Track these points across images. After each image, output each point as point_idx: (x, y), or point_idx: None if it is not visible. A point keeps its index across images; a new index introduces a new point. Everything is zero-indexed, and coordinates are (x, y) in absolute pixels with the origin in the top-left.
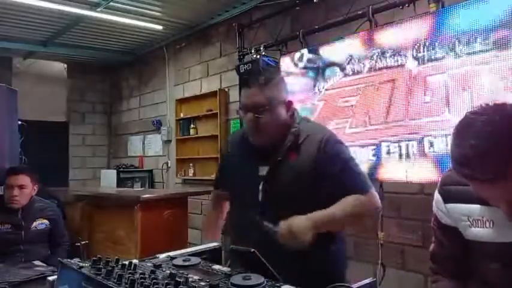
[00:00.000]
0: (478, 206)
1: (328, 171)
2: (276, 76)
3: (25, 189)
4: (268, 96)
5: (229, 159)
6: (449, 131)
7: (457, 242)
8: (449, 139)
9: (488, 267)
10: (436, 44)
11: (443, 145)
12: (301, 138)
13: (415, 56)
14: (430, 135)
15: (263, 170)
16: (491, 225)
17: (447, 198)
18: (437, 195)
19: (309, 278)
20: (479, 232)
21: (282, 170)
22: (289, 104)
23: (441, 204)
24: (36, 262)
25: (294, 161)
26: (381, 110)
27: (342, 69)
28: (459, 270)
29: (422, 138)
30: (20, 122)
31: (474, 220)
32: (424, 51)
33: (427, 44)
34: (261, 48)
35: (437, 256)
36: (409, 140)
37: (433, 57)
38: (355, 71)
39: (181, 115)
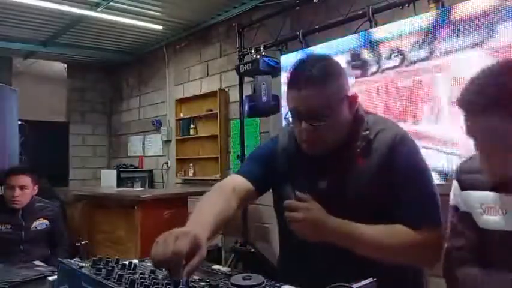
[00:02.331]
0: (492, 193)
1: (395, 181)
2: (333, 64)
3: (26, 189)
4: (328, 96)
5: (276, 159)
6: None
7: (474, 231)
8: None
9: (500, 256)
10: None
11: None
12: (372, 136)
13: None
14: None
15: (320, 183)
16: (504, 213)
17: (463, 185)
18: (454, 183)
19: None
20: (491, 220)
21: (345, 182)
22: (353, 100)
23: (458, 190)
24: (36, 262)
25: (361, 169)
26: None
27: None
28: (476, 260)
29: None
30: (20, 122)
31: (487, 208)
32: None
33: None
34: (261, 48)
35: (454, 249)
36: None
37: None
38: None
39: (181, 115)
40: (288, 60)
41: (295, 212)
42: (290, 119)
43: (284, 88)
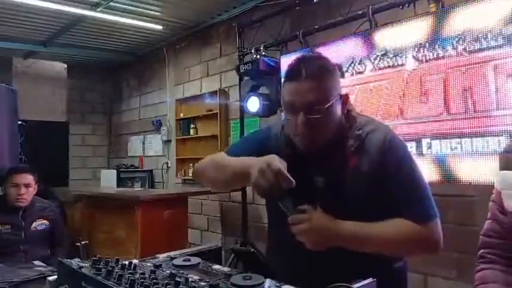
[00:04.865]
0: None
1: (389, 181)
2: (329, 62)
3: (30, 188)
4: (325, 90)
5: (264, 151)
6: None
7: (501, 213)
8: (448, 141)
9: None
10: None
11: (440, 147)
12: (364, 136)
13: (414, 56)
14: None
15: (317, 181)
16: None
17: (503, 164)
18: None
19: None
20: None
21: (342, 179)
22: (346, 99)
23: (498, 170)
24: (36, 262)
25: (355, 168)
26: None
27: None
28: (509, 250)
29: (420, 139)
30: (20, 122)
31: None
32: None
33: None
34: (261, 48)
35: (490, 233)
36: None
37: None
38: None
39: (181, 115)
40: (288, 62)
41: (300, 225)
42: (286, 113)
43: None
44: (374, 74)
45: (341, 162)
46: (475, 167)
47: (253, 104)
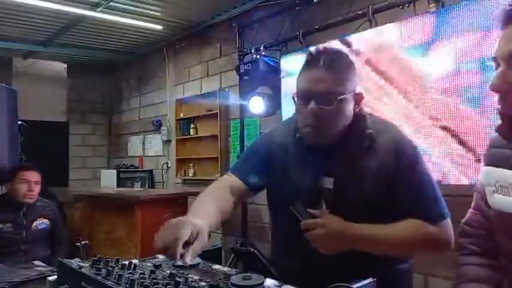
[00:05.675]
0: (511, 172)
1: (400, 182)
2: (349, 58)
3: (38, 185)
4: (340, 81)
5: (271, 154)
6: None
7: (483, 208)
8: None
9: (508, 243)
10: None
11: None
12: (374, 135)
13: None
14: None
15: (325, 181)
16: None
17: (486, 160)
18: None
19: None
20: (501, 200)
21: (352, 179)
22: (359, 97)
23: (482, 166)
24: (36, 262)
25: (365, 168)
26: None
27: None
28: (491, 241)
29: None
30: (20, 122)
31: (500, 186)
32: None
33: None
34: (261, 48)
35: (472, 223)
36: None
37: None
38: None
39: (181, 115)
40: (288, 62)
41: (314, 230)
42: (298, 101)
43: (284, 88)
44: None
45: (351, 162)
46: (476, 167)
47: (256, 104)
